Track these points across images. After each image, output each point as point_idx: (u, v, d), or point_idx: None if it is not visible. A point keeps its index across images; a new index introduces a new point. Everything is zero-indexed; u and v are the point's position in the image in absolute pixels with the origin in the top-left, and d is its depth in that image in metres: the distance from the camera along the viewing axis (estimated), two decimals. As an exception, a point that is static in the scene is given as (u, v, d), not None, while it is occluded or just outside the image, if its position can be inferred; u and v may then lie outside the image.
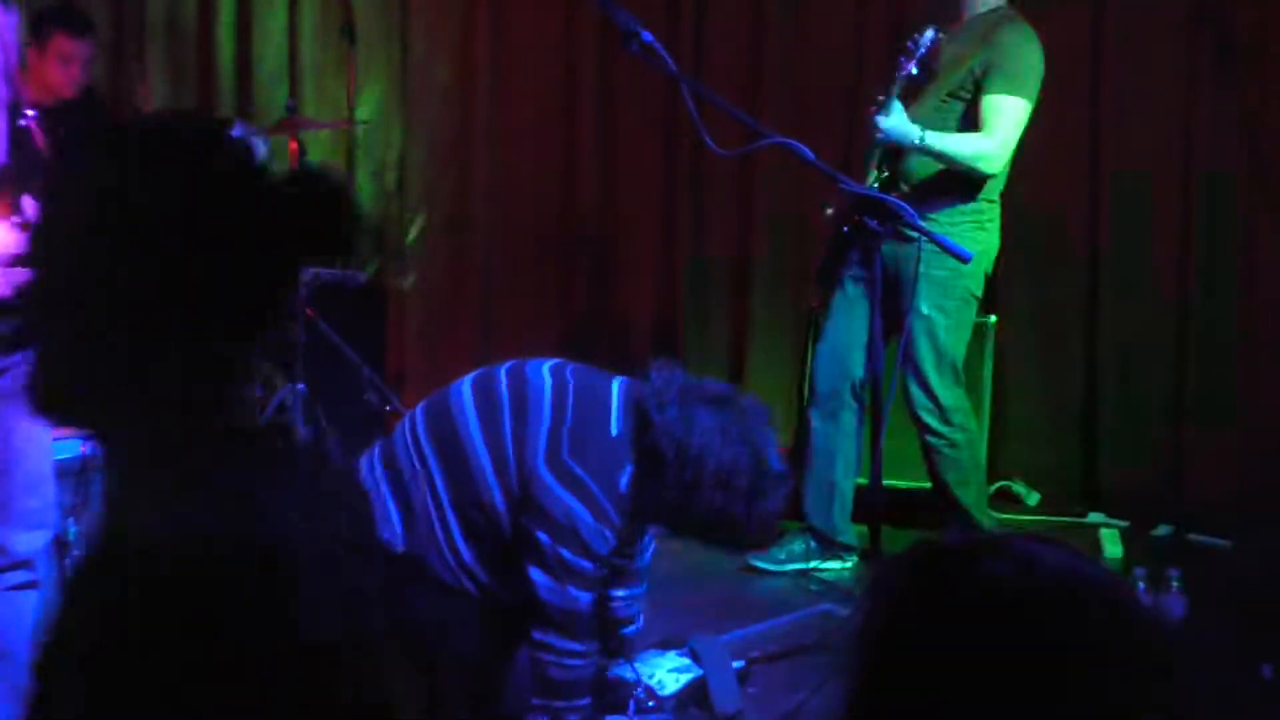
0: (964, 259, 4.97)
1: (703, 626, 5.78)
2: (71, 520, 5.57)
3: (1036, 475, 8.29)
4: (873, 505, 5.41)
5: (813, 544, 6.94)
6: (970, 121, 6.66)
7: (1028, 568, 1.50)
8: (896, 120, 6.53)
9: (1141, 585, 6.03)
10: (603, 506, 4.87)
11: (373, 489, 5.16)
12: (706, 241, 9.00)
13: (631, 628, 5.50)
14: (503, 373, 5.15)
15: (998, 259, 7.01)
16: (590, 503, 4.84)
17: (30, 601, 4.54)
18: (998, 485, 8.10)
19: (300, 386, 7.42)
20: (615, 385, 5.04)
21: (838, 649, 1.62)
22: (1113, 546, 7.35)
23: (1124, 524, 7.71)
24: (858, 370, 6.81)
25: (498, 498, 4.96)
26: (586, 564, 4.89)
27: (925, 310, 6.68)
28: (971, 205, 6.74)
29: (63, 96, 7.91)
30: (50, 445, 4.58)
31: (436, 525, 5.04)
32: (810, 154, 4.92)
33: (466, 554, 5.03)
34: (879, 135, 6.55)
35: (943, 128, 6.62)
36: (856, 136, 8.52)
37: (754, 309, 8.88)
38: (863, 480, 6.87)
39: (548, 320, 9.16)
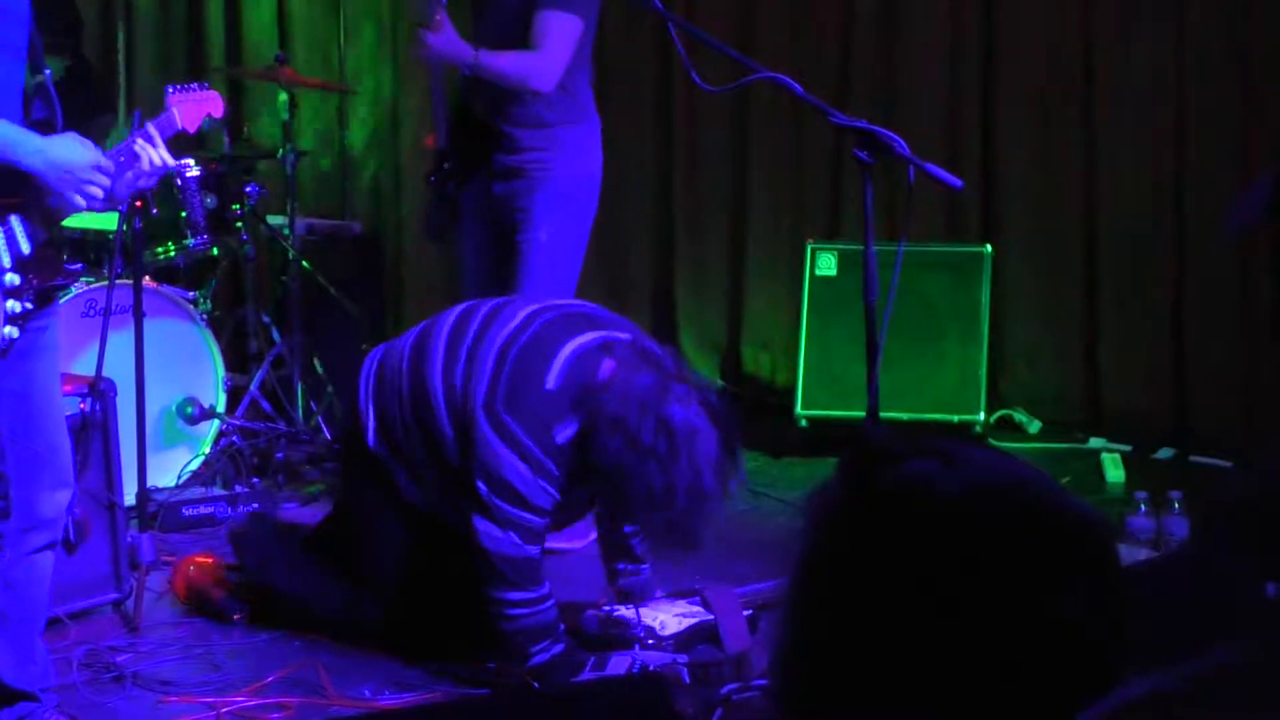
0: (957, 187, 4.95)
1: (709, 569, 5.80)
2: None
3: (1037, 403, 8.30)
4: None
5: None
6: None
7: (955, 466, 1.51)
8: (448, 39, 6.13)
9: (1144, 508, 6.06)
10: (539, 460, 4.89)
11: (363, 385, 5.37)
12: (702, 185, 8.99)
13: (636, 576, 5.53)
14: (486, 306, 5.23)
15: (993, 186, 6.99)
16: (525, 456, 4.88)
17: (48, 563, 4.56)
18: (999, 414, 8.11)
19: (298, 338, 7.43)
20: (571, 342, 5.04)
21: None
22: (1115, 471, 7.36)
23: (1126, 449, 7.71)
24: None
25: (447, 427, 5.06)
26: (527, 516, 4.92)
27: (543, 237, 6.35)
28: (582, 129, 6.48)
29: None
30: (63, 404, 4.60)
31: (401, 436, 5.18)
32: (799, 89, 4.91)
33: (428, 473, 5.15)
34: (427, 54, 6.13)
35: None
36: (851, 72, 8.52)
37: (749, 248, 8.87)
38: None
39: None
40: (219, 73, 8.98)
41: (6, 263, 4.22)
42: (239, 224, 7.35)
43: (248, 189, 7.32)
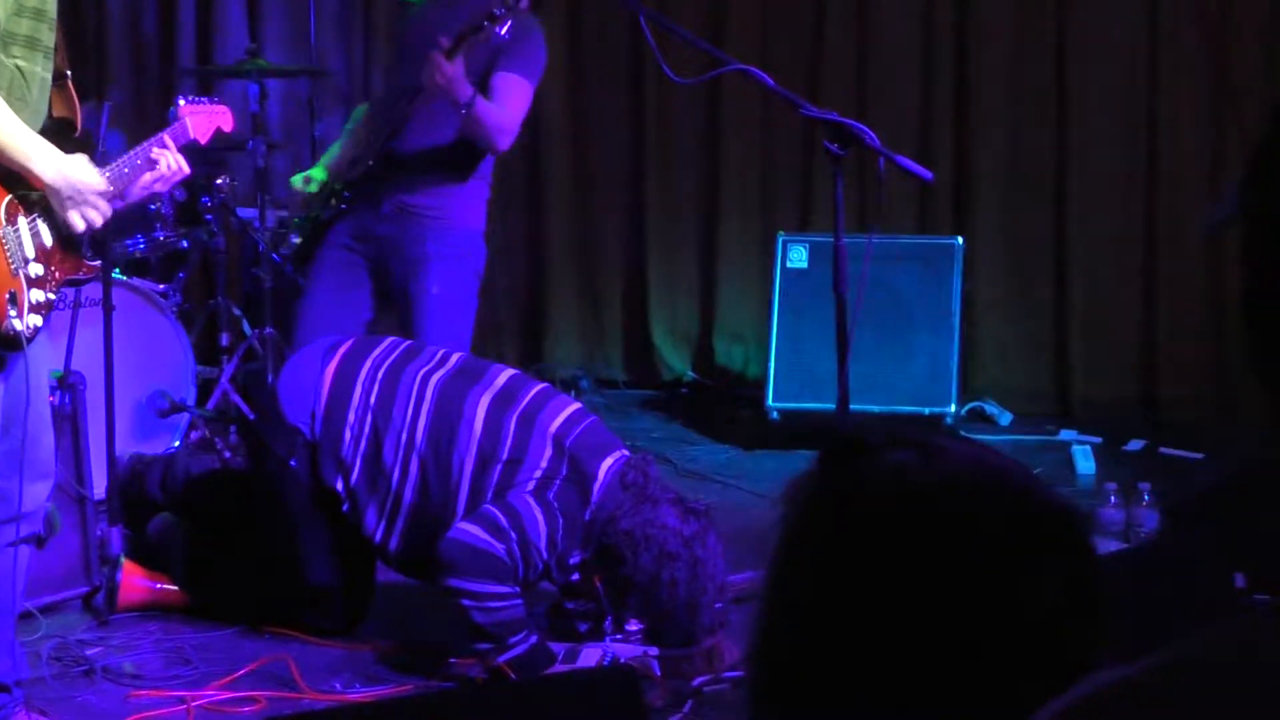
0: (927, 179, 4.95)
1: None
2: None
3: (1008, 395, 8.32)
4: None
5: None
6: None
7: (933, 457, 1.51)
8: (458, 72, 5.98)
9: (1113, 499, 6.07)
10: (554, 538, 5.04)
11: (358, 404, 5.31)
12: (673, 177, 8.99)
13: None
14: (522, 404, 5.24)
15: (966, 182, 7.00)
16: (549, 521, 4.97)
17: (25, 556, 4.55)
18: (970, 406, 8.13)
19: (269, 330, 7.41)
20: (605, 462, 5.17)
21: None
22: (1085, 462, 7.38)
23: (1096, 440, 7.73)
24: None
25: (464, 493, 5.08)
26: (528, 555, 5.00)
27: (435, 290, 6.25)
28: (475, 185, 6.37)
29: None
30: (47, 393, 4.60)
31: (395, 481, 5.19)
32: (770, 81, 4.92)
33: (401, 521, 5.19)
34: (439, 79, 5.94)
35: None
36: (821, 67, 8.53)
37: (721, 241, 8.87)
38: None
39: (516, 257, 9.13)
40: (189, 74, 8.96)
41: (31, 253, 4.27)
42: (209, 216, 7.33)
43: (218, 181, 7.31)
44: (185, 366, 6.99)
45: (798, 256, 7.81)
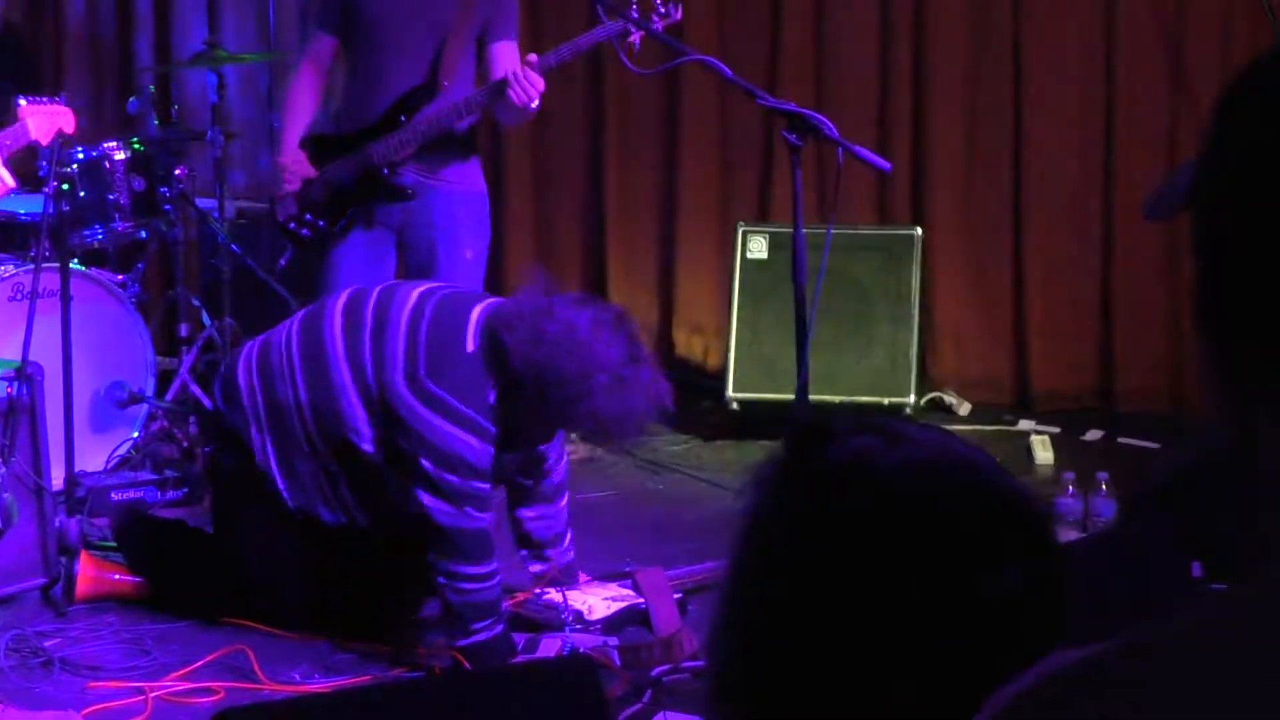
0: (885, 169, 4.97)
1: (639, 552, 5.82)
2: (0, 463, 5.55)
3: (967, 385, 8.34)
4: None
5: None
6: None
7: (897, 443, 1.52)
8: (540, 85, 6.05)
9: (1071, 489, 6.10)
10: (478, 423, 4.91)
11: (244, 386, 5.27)
12: (632, 168, 8.98)
13: (563, 554, 5.54)
14: (375, 291, 5.22)
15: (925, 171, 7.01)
16: (462, 423, 4.89)
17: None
18: (929, 396, 8.15)
19: (228, 321, 7.40)
20: (476, 306, 5.08)
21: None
22: (1043, 452, 7.40)
23: (1055, 430, 7.76)
24: None
25: (360, 414, 5.04)
26: (478, 484, 4.92)
27: (470, 255, 6.37)
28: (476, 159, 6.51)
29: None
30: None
31: (300, 436, 5.13)
32: (728, 71, 4.93)
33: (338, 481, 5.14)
34: (533, 103, 5.97)
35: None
36: (781, 55, 8.54)
37: (680, 231, 8.87)
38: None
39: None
40: (148, 71, 8.93)
41: None
42: (167, 207, 7.31)
43: (176, 171, 7.29)
44: (144, 357, 6.97)
45: (757, 247, 7.82)
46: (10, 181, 4.56)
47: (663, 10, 5.92)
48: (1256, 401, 1.18)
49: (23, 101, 4.94)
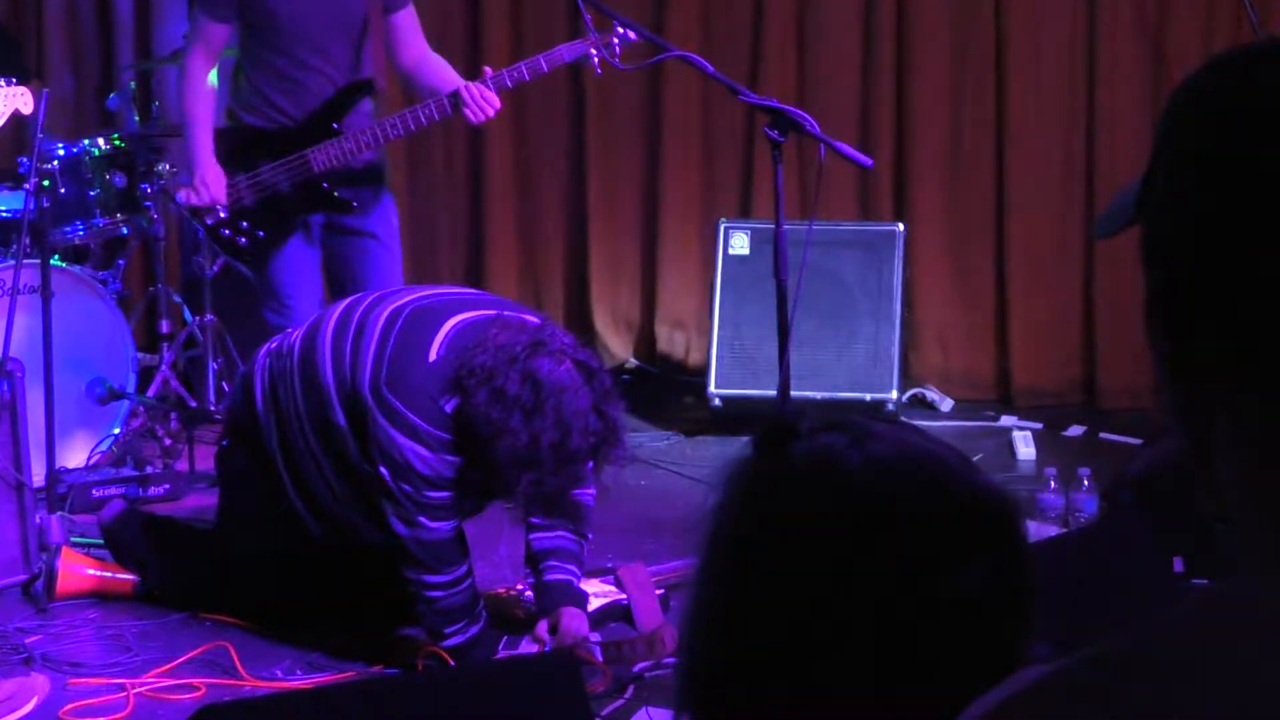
0: (867, 165, 4.97)
1: (622, 548, 5.82)
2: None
3: (949, 381, 8.35)
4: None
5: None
6: None
7: (862, 441, 1.52)
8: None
9: (1053, 484, 6.10)
10: (431, 434, 4.85)
11: (258, 375, 5.31)
12: (614, 164, 8.98)
13: (557, 570, 5.35)
14: (368, 298, 5.24)
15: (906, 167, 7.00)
16: (413, 434, 4.84)
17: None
18: (911, 392, 8.15)
19: (209, 318, 7.38)
20: (455, 317, 5.01)
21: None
22: (1025, 448, 7.41)
23: (1037, 426, 7.77)
24: None
25: (342, 420, 5.02)
26: (432, 494, 4.89)
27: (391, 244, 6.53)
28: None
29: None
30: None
31: (299, 440, 5.16)
32: (710, 67, 4.93)
33: (330, 477, 5.13)
34: (488, 118, 6.16)
35: None
36: (763, 51, 8.54)
37: (662, 227, 8.86)
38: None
39: (457, 243, 9.11)
40: (129, 69, 8.91)
41: None
42: (148, 203, 7.30)
43: (158, 167, 7.28)
44: (125, 353, 6.96)
45: (739, 243, 7.82)
46: None
47: (620, 33, 5.92)
48: (1214, 405, 1.18)
49: None
